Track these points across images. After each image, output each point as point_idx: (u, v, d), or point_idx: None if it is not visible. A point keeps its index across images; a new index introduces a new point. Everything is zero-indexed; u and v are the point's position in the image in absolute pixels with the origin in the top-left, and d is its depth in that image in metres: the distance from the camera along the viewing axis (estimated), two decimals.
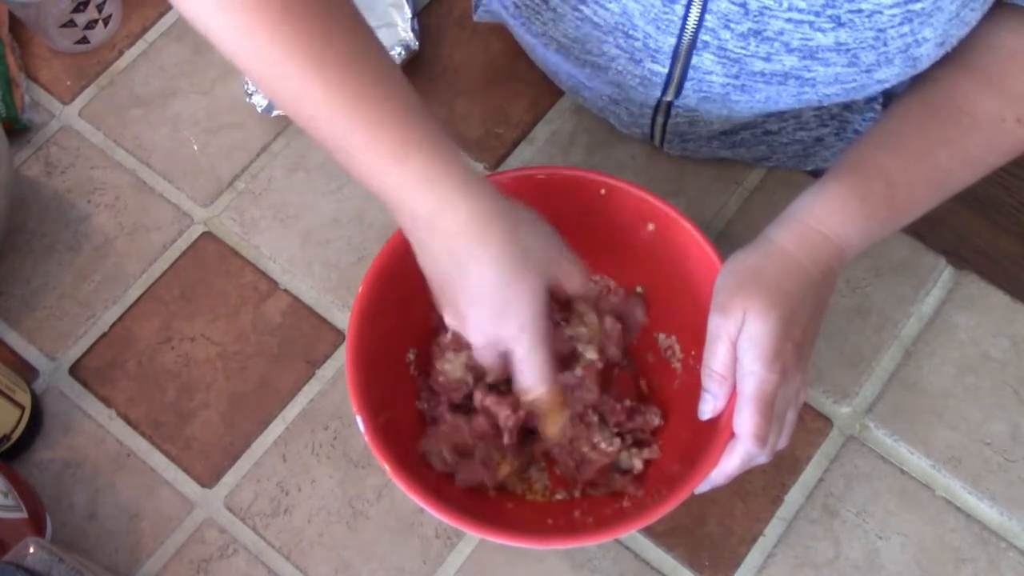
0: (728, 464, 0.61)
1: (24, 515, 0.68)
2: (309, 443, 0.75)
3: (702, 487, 0.63)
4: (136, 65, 0.88)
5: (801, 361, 0.61)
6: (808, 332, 0.61)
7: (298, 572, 0.71)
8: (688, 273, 0.68)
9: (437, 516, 0.61)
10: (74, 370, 0.77)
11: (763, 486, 0.72)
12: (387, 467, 0.62)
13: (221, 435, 0.75)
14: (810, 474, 0.72)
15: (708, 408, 0.62)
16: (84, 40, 0.88)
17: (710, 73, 0.62)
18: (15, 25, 0.89)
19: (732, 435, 0.61)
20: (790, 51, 0.59)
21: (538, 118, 0.85)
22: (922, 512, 0.71)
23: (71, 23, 0.86)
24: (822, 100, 0.64)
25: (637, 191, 0.68)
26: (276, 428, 0.75)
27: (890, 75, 0.61)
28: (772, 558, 0.70)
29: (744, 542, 0.71)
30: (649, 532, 0.71)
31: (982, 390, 0.74)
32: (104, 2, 0.86)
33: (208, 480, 0.74)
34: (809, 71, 0.60)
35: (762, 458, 0.61)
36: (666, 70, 0.64)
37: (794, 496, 0.72)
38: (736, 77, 0.62)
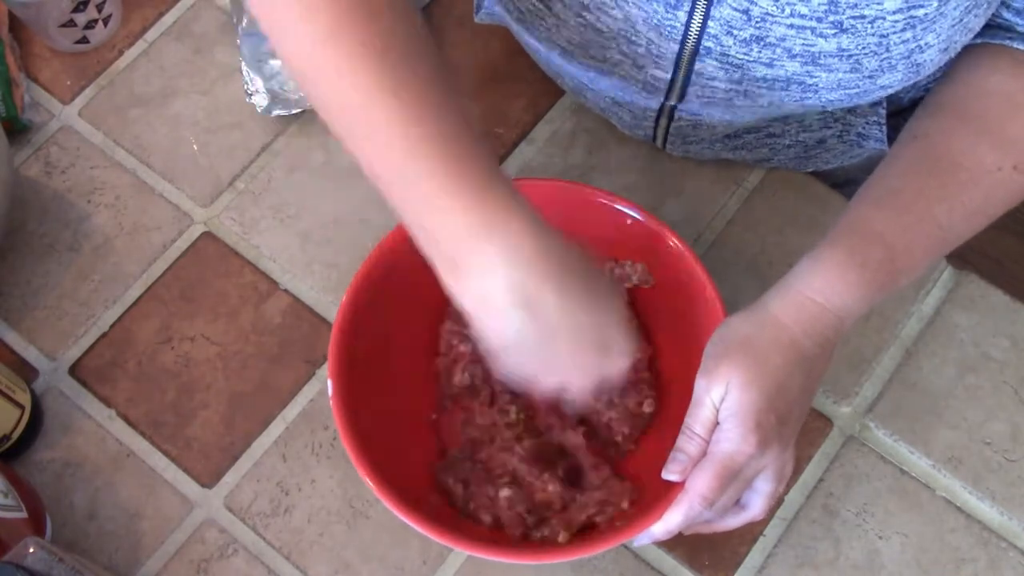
0: (671, 518, 0.60)
1: (24, 515, 0.67)
2: (309, 443, 0.75)
3: (641, 539, 0.62)
4: (136, 65, 0.88)
5: (785, 434, 0.60)
6: (797, 406, 0.60)
7: (298, 572, 0.71)
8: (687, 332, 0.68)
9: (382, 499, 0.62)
10: (74, 370, 0.77)
11: None
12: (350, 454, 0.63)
13: (221, 435, 0.75)
14: (810, 474, 0.72)
15: (677, 468, 0.60)
16: (84, 40, 0.88)
17: (713, 79, 0.62)
18: (15, 25, 0.89)
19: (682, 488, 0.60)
20: (792, 57, 0.59)
21: (538, 118, 0.85)
22: (922, 512, 0.71)
23: (71, 23, 0.86)
24: (825, 105, 0.63)
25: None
26: (276, 428, 0.75)
27: (893, 81, 0.60)
28: (772, 558, 0.70)
29: (744, 542, 0.71)
30: None
31: (982, 390, 0.74)
32: (104, 2, 0.86)
33: (208, 480, 0.74)
34: (811, 77, 0.60)
35: (708, 516, 0.60)
36: (669, 75, 0.64)
37: (794, 496, 0.72)
38: (739, 83, 0.62)
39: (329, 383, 0.65)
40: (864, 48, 0.58)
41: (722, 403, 0.59)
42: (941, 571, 0.70)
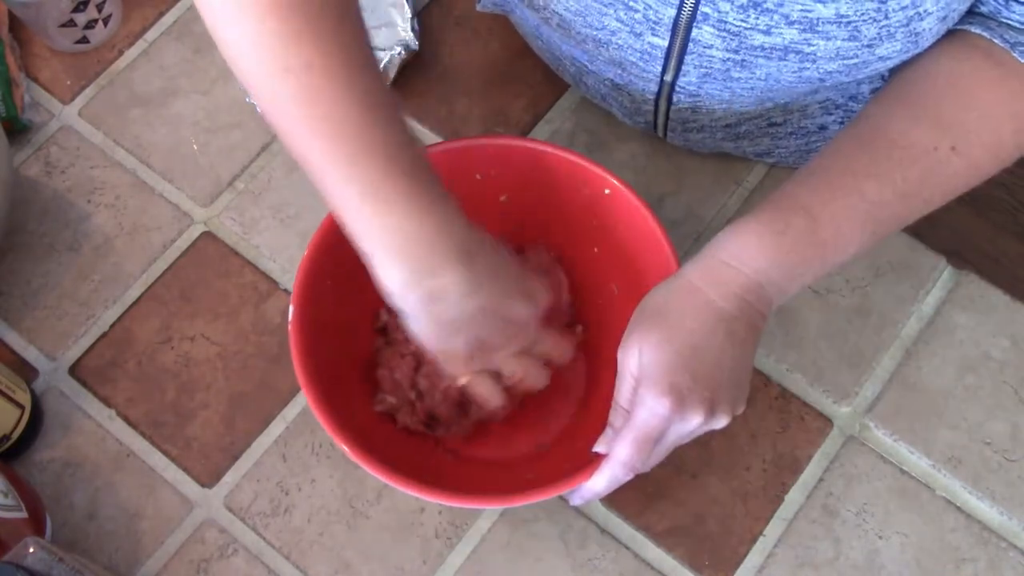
0: (596, 482, 0.61)
1: (24, 515, 0.68)
2: (309, 443, 0.75)
3: (574, 500, 0.64)
4: (136, 65, 0.88)
5: (706, 395, 0.59)
6: (720, 368, 0.59)
7: (298, 572, 0.71)
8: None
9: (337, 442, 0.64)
10: (74, 370, 0.77)
11: (763, 486, 0.72)
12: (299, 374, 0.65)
13: (221, 435, 0.75)
14: (810, 474, 0.72)
15: (604, 441, 0.61)
16: (84, 40, 0.88)
17: (710, 47, 0.62)
18: (15, 25, 0.89)
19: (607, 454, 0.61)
20: (790, 23, 0.58)
21: (538, 118, 0.85)
22: (922, 512, 0.71)
23: (71, 23, 0.86)
24: (824, 78, 0.63)
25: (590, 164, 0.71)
26: (276, 428, 0.75)
27: (892, 51, 0.60)
28: (772, 558, 0.70)
29: (744, 542, 0.71)
30: (649, 532, 0.71)
31: (982, 390, 0.74)
32: (104, 2, 0.87)
33: (208, 480, 0.74)
34: (809, 45, 0.59)
35: (628, 478, 0.61)
36: (666, 43, 0.63)
37: (794, 496, 0.72)
38: (736, 51, 0.62)
39: (291, 309, 0.67)
40: (862, 14, 0.57)
41: (638, 370, 0.59)
42: (941, 571, 0.70)
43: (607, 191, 0.70)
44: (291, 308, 0.66)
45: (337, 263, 0.67)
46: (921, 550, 0.70)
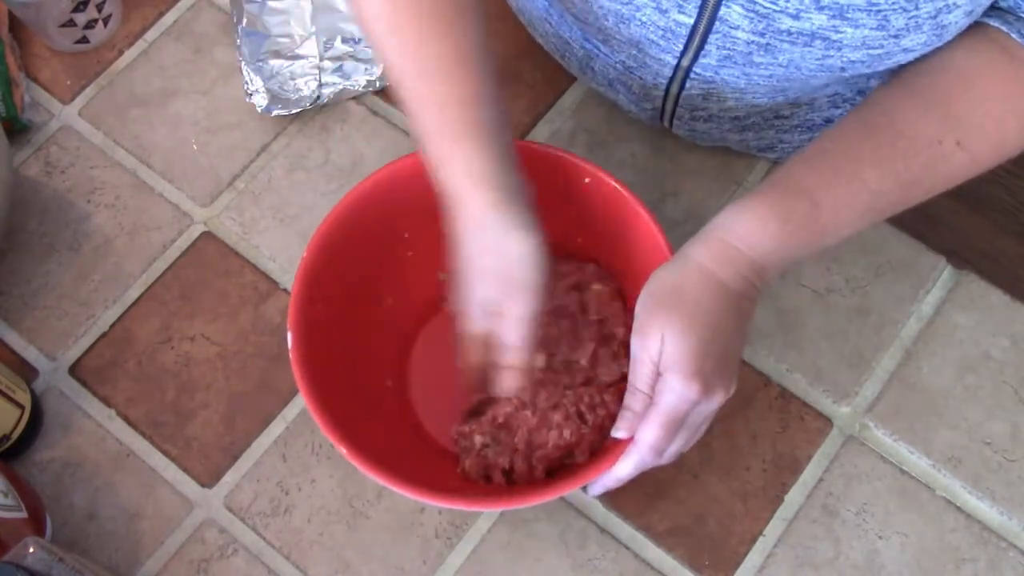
0: (622, 468, 0.62)
1: (24, 515, 0.68)
2: (309, 443, 0.75)
3: (595, 490, 0.64)
4: (136, 65, 0.88)
5: (725, 373, 0.60)
6: (731, 346, 0.61)
7: (298, 572, 0.71)
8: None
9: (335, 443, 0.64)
10: (74, 370, 0.77)
11: (763, 486, 0.72)
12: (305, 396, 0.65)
13: (221, 435, 0.75)
14: (810, 474, 0.72)
15: (624, 425, 0.62)
16: (84, 40, 0.88)
17: (736, 28, 0.62)
18: (15, 25, 0.89)
19: (631, 440, 0.61)
20: (820, 9, 0.58)
21: (538, 118, 0.85)
22: (922, 512, 0.71)
23: (71, 23, 0.86)
24: (845, 67, 0.63)
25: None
26: (276, 428, 0.75)
27: (917, 43, 0.60)
28: (772, 558, 0.70)
29: (744, 542, 0.71)
30: (649, 532, 0.71)
31: (982, 390, 0.74)
32: (104, 2, 0.87)
33: (208, 480, 0.74)
34: (837, 32, 0.59)
35: (660, 463, 0.62)
36: (692, 20, 0.63)
37: (794, 496, 0.72)
38: (762, 35, 0.61)
39: (288, 336, 0.66)
40: (893, 3, 0.57)
41: (660, 356, 0.59)
42: (941, 571, 0.70)
43: (604, 190, 0.70)
44: (289, 336, 0.66)
45: (335, 269, 0.68)
46: (921, 550, 0.70)
